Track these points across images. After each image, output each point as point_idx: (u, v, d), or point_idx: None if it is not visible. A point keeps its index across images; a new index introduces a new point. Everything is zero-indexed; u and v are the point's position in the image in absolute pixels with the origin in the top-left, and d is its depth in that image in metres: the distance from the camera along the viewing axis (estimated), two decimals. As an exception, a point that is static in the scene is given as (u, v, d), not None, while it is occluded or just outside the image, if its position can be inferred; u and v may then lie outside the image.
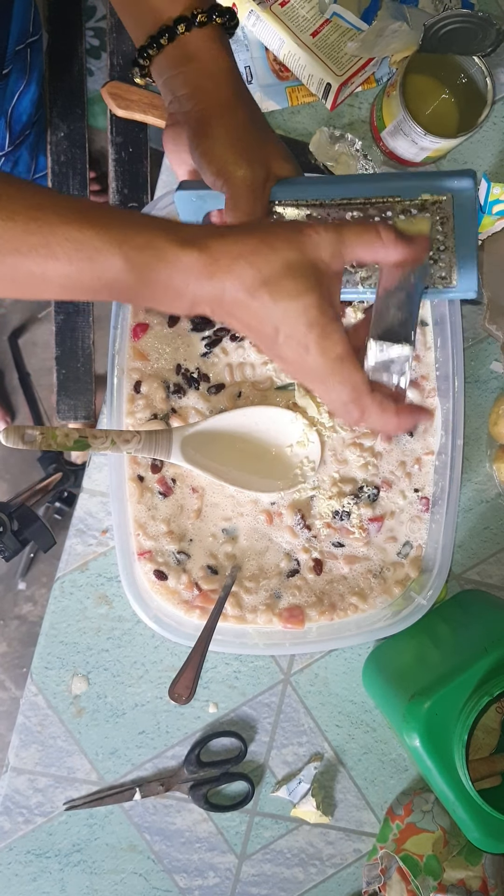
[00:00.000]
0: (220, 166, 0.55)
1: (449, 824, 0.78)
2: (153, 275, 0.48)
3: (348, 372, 0.51)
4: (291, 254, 0.49)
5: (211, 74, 0.56)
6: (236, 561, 0.76)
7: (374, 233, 0.50)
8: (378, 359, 0.51)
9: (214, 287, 0.49)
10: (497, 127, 0.82)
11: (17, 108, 0.94)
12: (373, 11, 0.73)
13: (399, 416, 0.52)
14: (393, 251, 0.51)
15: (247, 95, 0.58)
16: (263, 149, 0.56)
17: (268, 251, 0.48)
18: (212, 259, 0.48)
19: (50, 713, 0.79)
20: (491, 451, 0.81)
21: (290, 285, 0.48)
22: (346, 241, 0.50)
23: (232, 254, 0.48)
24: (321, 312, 0.49)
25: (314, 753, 0.82)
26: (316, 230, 0.49)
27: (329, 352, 0.50)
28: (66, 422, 1.19)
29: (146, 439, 0.67)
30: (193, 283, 0.49)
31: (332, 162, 0.78)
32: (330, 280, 0.50)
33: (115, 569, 0.78)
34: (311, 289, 0.49)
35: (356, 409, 0.52)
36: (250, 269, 0.48)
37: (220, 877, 0.82)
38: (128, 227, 0.48)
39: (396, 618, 0.75)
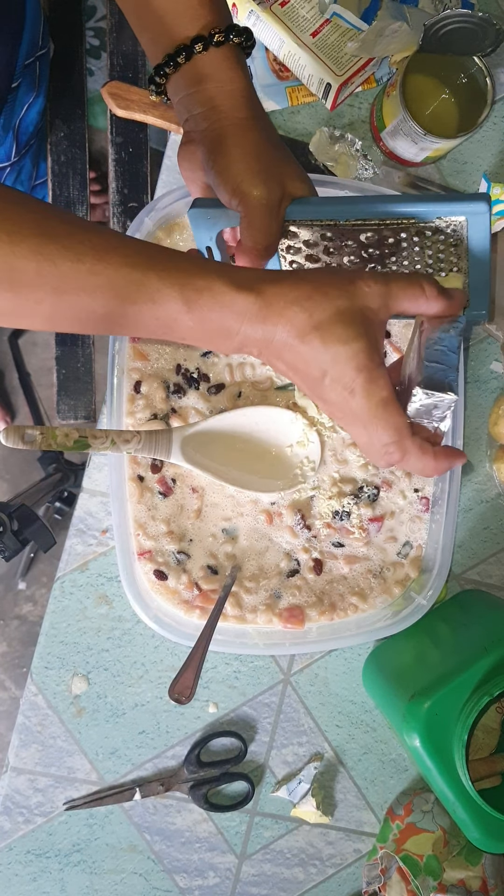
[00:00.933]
0: (236, 185, 0.56)
1: (449, 824, 0.78)
2: (208, 315, 0.50)
3: (391, 415, 0.52)
4: (343, 301, 0.51)
5: (227, 94, 0.57)
6: (236, 561, 0.76)
7: (419, 287, 0.53)
8: (423, 404, 0.53)
9: (266, 330, 0.51)
10: (497, 127, 0.82)
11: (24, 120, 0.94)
12: (373, 11, 0.73)
13: (437, 459, 0.54)
14: (435, 304, 0.53)
15: (263, 115, 0.58)
16: (279, 168, 0.57)
17: (321, 298, 0.50)
18: (266, 303, 0.50)
19: (50, 713, 0.79)
20: (491, 451, 0.81)
21: (341, 331, 0.50)
22: (393, 293, 0.52)
23: (286, 299, 0.50)
24: (369, 358, 0.51)
25: (314, 753, 0.82)
26: (367, 282, 0.51)
27: (374, 396, 0.52)
28: (66, 421, 1.19)
29: (146, 439, 0.67)
30: (247, 325, 0.51)
31: (331, 162, 0.78)
32: (376, 328, 0.52)
33: (115, 569, 0.78)
34: (360, 335, 0.51)
35: (398, 451, 0.53)
36: (303, 314, 0.50)
37: (221, 877, 0.82)
38: (188, 270, 0.50)
39: (396, 618, 0.75)
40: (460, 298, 0.55)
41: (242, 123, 0.57)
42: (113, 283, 0.48)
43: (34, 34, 0.88)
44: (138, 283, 0.49)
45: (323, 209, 0.60)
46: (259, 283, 0.50)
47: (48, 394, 1.57)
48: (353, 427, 0.54)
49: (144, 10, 0.57)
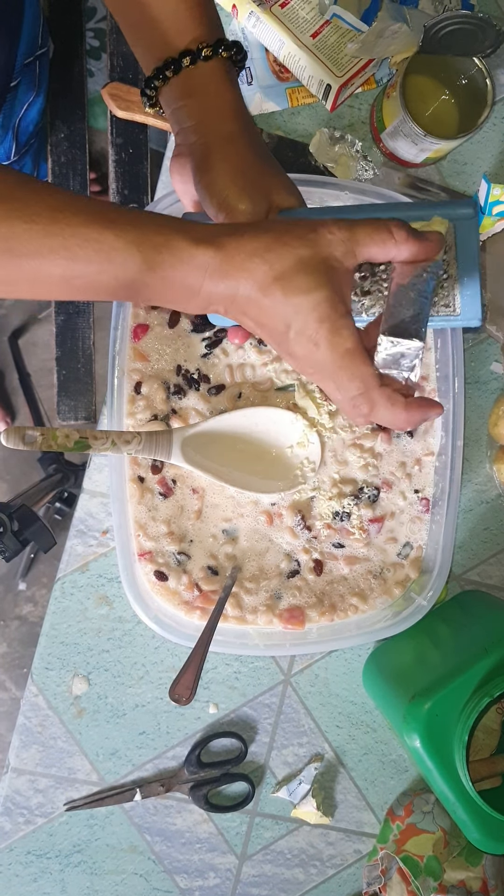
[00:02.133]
0: (222, 200, 0.56)
1: (449, 825, 0.78)
2: (170, 273, 0.49)
3: (358, 366, 0.51)
4: (304, 251, 0.49)
5: (215, 108, 0.57)
6: (237, 562, 0.76)
7: (387, 231, 0.51)
8: (388, 353, 0.51)
9: (228, 285, 0.49)
10: (497, 128, 0.82)
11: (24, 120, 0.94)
12: (373, 12, 0.73)
13: (408, 410, 0.53)
14: (405, 248, 0.51)
15: (251, 129, 0.58)
16: (265, 181, 0.57)
17: (281, 248, 0.49)
18: (227, 257, 0.49)
19: (50, 714, 0.79)
20: (491, 452, 0.81)
21: (302, 281, 0.49)
22: (358, 238, 0.50)
23: (246, 251, 0.49)
24: (332, 308, 0.50)
25: (314, 754, 0.82)
26: (329, 229, 0.50)
27: (339, 346, 0.50)
28: (67, 422, 1.19)
29: (146, 440, 0.68)
30: (208, 281, 0.49)
31: (332, 163, 0.78)
32: (342, 277, 0.51)
33: (115, 569, 0.78)
34: (322, 284, 0.49)
35: (365, 403, 0.52)
36: (263, 265, 0.49)
37: (221, 877, 0.82)
38: (145, 227, 0.49)
39: (397, 618, 0.75)
40: (437, 241, 0.53)
41: (229, 137, 0.56)
42: (67, 244, 0.47)
43: (33, 33, 0.88)
44: (95, 242, 0.47)
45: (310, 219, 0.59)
46: (219, 236, 0.49)
47: (48, 394, 1.57)
48: (321, 381, 0.52)
49: (137, 22, 0.57)
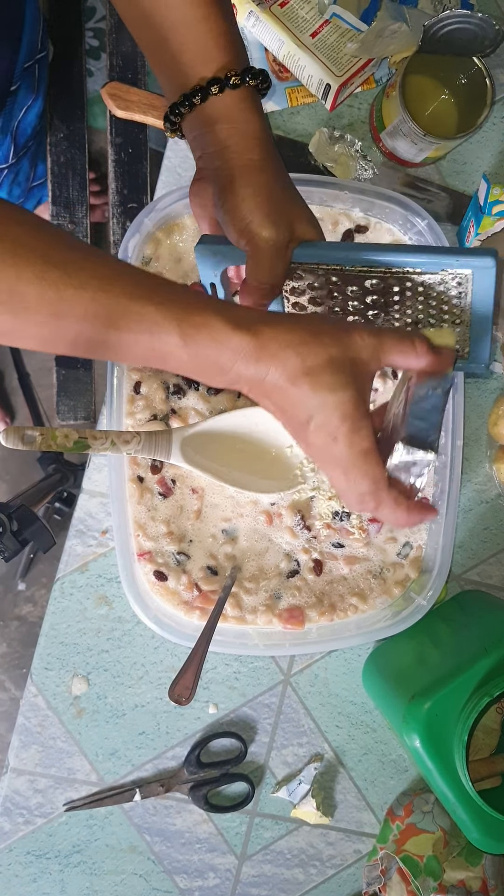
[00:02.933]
0: (245, 226, 0.57)
1: (449, 825, 0.78)
2: (203, 352, 0.51)
3: (371, 466, 0.53)
4: (336, 350, 0.52)
5: (241, 134, 0.57)
6: (236, 562, 0.76)
7: (410, 343, 0.54)
8: (402, 460, 0.54)
9: (259, 370, 0.51)
10: (497, 127, 0.82)
11: (22, 122, 0.94)
12: (372, 12, 0.73)
13: (409, 512, 0.55)
14: (424, 361, 0.54)
15: (275, 157, 0.59)
16: (289, 211, 0.58)
17: (315, 344, 0.51)
18: (261, 344, 0.51)
19: (50, 714, 0.79)
20: (491, 452, 0.81)
21: (331, 378, 0.51)
22: (385, 347, 0.53)
23: (281, 342, 0.51)
24: (355, 407, 0.52)
25: (314, 754, 0.82)
26: (361, 335, 0.53)
27: (356, 445, 0.53)
28: (66, 422, 1.19)
29: (146, 440, 0.67)
30: (241, 363, 0.51)
31: (331, 163, 0.78)
32: (365, 379, 0.53)
33: (114, 570, 0.78)
34: (349, 385, 0.52)
35: (373, 501, 0.55)
36: (296, 358, 0.51)
37: (221, 878, 0.82)
38: (187, 305, 0.51)
39: (396, 618, 0.75)
40: (449, 357, 0.56)
41: (254, 164, 0.57)
42: (112, 313, 0.49)
43: (33, 38, 0.88)
44: (138, 315, 0.49)
45: (330, 254, 0.60)
46: (256, 323, 0.51)
47: (48, 394, 1.57)
48: (333, 471, 0.55)
49: (162, 48, 0.57)
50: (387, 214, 0.76)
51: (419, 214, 0.75)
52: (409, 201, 0.75)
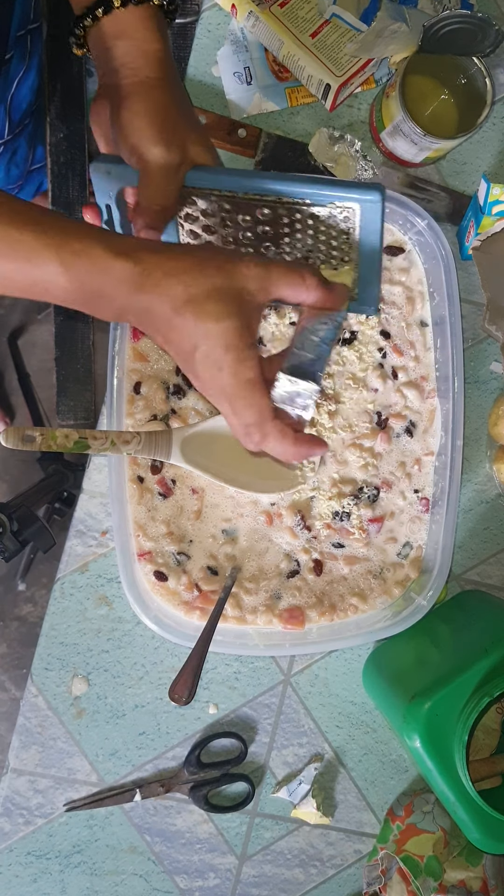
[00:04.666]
0: (136, 142, 0.57)
1: (449, 825, 0.78)
2: (86, 280, 0.50)
3: (256, 396, 0.53)
4: (220, 279, 0.51)
5: (141, 52, 0.57)
6: (236, 562, 0.76)
7: (300, 276, 0.54)
8: (285, 390, 0.55)
9: (143, 300, 0.51)
10: (496, 127, 0.82)
11: (16, 96, 0.93)
12: (372, 12, 0.73)
13: (297, 444, 0.56)
14: (314, 295, 0.54)
15: (174, 79, 0.59)
16: (182, 132, 0.58)
17: (199, 273, 0.51)
18: (144, 272, 0.50)
19: (50, 714, 0.79)
20: (491, 452, 0.81)
21: (214, 308, 0.51)
22: (272, 278, 0.53)
23: (164, 269, 0.51)
24: (239, 337, 0.52)
25: (314, 754, 0.82)
26: (247, 265, 0.52)
27: (241, 375, 0.53)
28: (66, 423, 1.19)
29: (146, 440, 0.67)
30: (125, 293, 0.51)
31: (331, 163, 0.78)
32: (252, 310, 0.53)
33: (115, 570, 0.78)
34: (232, 314, 0.51)
35: (257, 432, 0.55)
36: (179, 286, 0.51)
37: (221, 878, 0.82)
38: (66, 232, 0.50)
39: (396, 618, 0.75)
40: (342, 293, 0.56)
41: (150, 83, 0.57)
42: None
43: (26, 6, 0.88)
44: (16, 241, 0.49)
45: (222, 179, 0.59)
46: (139, 251, 0.51)
47: (48, 395, 1.57)
48: (220, 404, 0.55)
49: None
50: (387, 214, 0.76)
51: (419, 214, 0.75)
52: (408, 201, 0.75)
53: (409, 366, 0.78)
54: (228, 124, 0.77)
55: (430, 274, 0.77)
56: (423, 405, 0.78)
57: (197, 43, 0.79)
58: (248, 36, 0.79)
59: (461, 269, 0.80)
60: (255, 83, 0.79)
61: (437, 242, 0.75)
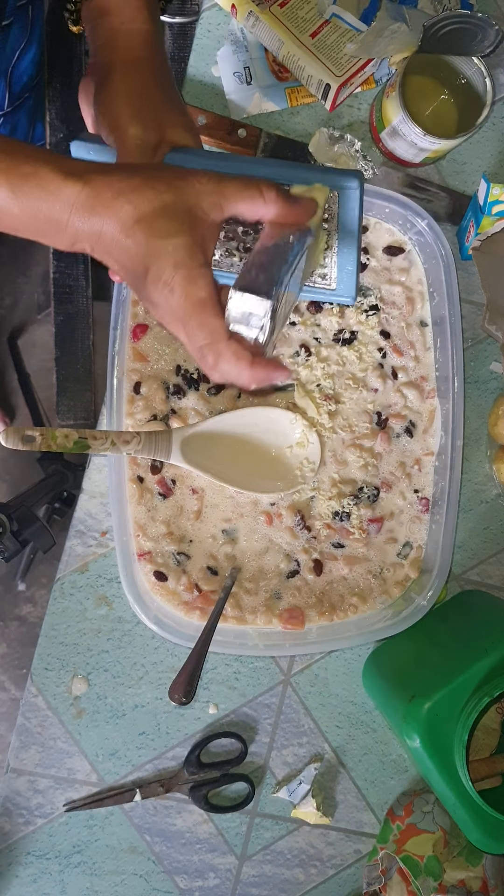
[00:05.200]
0: (114, 121, 0.56)
1: (449, 825, 0.78)
2: (35, 204, 0.49)
3: (208, 317, 0.51)
4: (170, 196, 0.49)
5: (127, 31, 0.57)
6: (236, 562, 0.76)
7: (256, 189, 0.51)
8: (238, 309, 0.52)
9: (94, 222, 0.49)
10: (496, 127, 0.82)
11: (17, 68, 0.92)
12: (372, 12, 0.73)
13: (253, 367, 0.53)
14: (274, 209, 0.52)
15: (159, 59, 0.58)
16: (162, 113, 0.57)
17: (148, 190, 0.49)
18: (94, 192, 0.49)
19: (50, 714, 0.79)
20: (491, 452, 0.81)
21: (163, 225, 0.49)
22: (226, 193, 0.51)
23: (114, 189, 0.49)
24: (190, 255, 0.50)
25: (314, 754, 0.82)
26: (199, 179, 0.50)
27: (192, 295, 0.51)
28: (66, 423, 1.19)
29: (146, 440, 0.67)
30: (75, 216, 0.49)
31: (331, 163, 0.78)
32: (206, 228, 0.51)
33: (114, 570, 0.78)
34: (183, 231, 0.50)
35: (211, 353, 0.52)
36: (128, 205, 0.49)
37: (221, 878, 0.82)
38: (14, 155, 0.48)
39: (396, 618, 0.75)
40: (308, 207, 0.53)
41: (134, 63, 0.57)
42: None
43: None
44: None
45: (200, 162, 0.58)
46: (88, 172, 0.49)
47: (48, 395, 1.56)
48: (174, 328, 0.53)
49: None
50: (387, 214, 0.76)
51: (419, 214, 0.75)
52: (408, 201, 0.75)
53: (409, 366, 0.78)
54: (228, 124, 0.77)
55: (430, 274, 0.77)
56: (423, 405, 0.78)
57: (197, 43, 0.79)
58: (247, 36, 0.79)
59: (461, 269, 0.80)
60: (255, 83, 0.79)
61: (437, 242, 0.75)
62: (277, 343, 0.76)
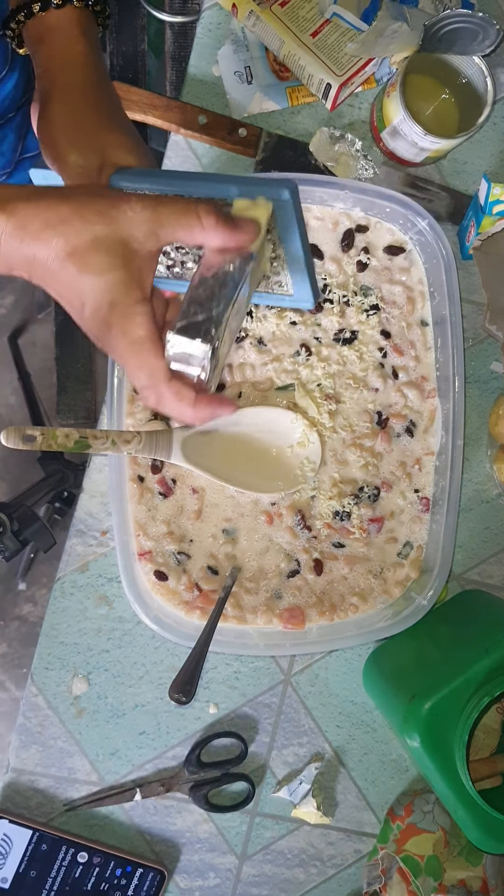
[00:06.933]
0: (54, 149, 0.55)
1: (449, 825, 0.78)
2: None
3: (147, 356, 0.50)
4: (101, 228, 0.47)
5: (62, 57, 0.56)
6: (236, 561, 0.76)
7: (195, 215, 0.49)
8: (177, 350, 0.51)
9: (24, 253, 0.48)
10: (497, 127, 0.82)
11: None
12: (373, 12, 0.73)
13: (196, 407, 0.52)
14: (213, 236, 0.50)
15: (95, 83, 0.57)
16: (100, 137, 0.56)
17: (78, 222, 0.47)
18: (20, 223, 0.47)
19: (50, 714, 0.79)
20: (491, 452, 0.81)
21: (97, 260, 0.47)
22: (162, 220, 0.49)
23: (41, 220, 0.47)
24: (125, 293, 0.48)
25: (315, 754, 0.82)
26: (132, 206, 0.48)
27: (129, 334, 0.49)
28: (66, 422, 1.19)
29: (146, 440, 0.67)
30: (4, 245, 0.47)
31: (332, 162, 0.78)
32: (142, 260, 0.49)
33: (115, 569, 0.78)
34: (117, 267, 0.48)
35: (152, 394, 0.51)
36: (58, 237, 0.47)
37: (221, 877, 0.82)
38: None
39: (397, 618, 0.75)
40: (250, 231, 0.51)
41: (68, 89, 0.56)
42: None
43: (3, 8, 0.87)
44: None
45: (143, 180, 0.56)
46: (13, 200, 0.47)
47: (48, 394, 1.56)
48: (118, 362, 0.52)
49: None
50: (387, 214, 0.76)
51: (420, 214, 0.75)
52: (409, 201, 0.75)
53: (409, 365, 0.78)
54: (229, 124, 0.77)
55: (431, 274, 0.77)
56: (424, 405, 0.78)
57: (197, 42, 0.79)
58: (248, 35, 0.79)
59: (462, 268, 0.80)
60: (256, 82, 0.79)
61: (437, 242, 0.75)
62: (277, 344, 0.76)
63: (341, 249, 0.77)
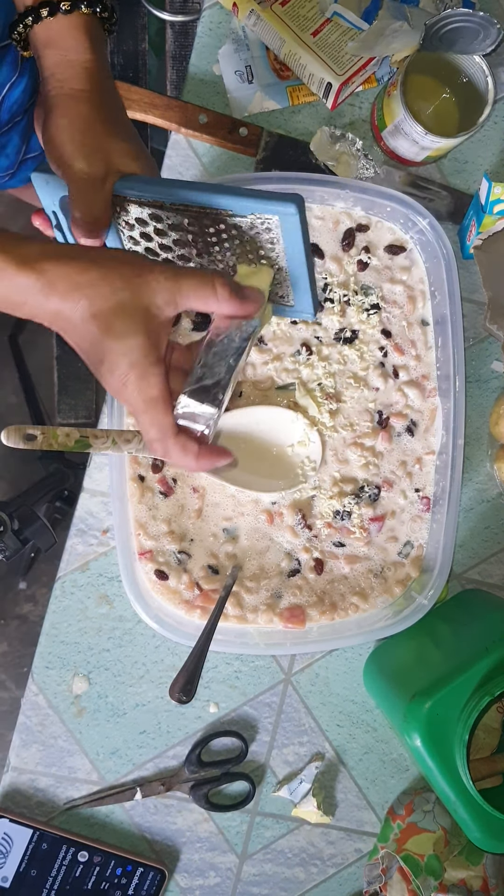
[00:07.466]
0: (59, 157, 0.57)
1: (450, 824, 0.78)
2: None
3: (158, 414, 0.54)
4: (126, 294, 0.51)
5: (68, 63, 0.57)
6: (237, 561, 0.76)
7: (211, 287, 0.53)
8: (185, 411, 0.56)
9: (50, 308, 0.51)
10: (498, 126, 0.82)
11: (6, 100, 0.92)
12: (373, 11, 0.73)
13: (199, 459, 0.56)
14: (225, 306, 0.54)
15: (102, 89, 0.58)
16: (106, 144, 0.57)
17: (104, 287, 0.50)
18: (48, 283, 0.50)
19: (51, 713, 0.79)
20: (492, 451, 0.81)
21: (119, 325, 0.51)
22: (182, 290, 0.52)
23: (69, 282, 0.50)
24: (144, 355, 0.52)
25: (315, 753, 0.82)
26: (156, 277, 0.52)
27: (144, 393, 0.53)
28: (67, 421, 1.19)
29: (147, 439, 0.67)
30: (31, 300, 0.50)
31: (332, 161, 0.78)
32: (159, 325, 0.53)
33: (115, 569, 0.78)
34: (138, 332, 0.51)
35: (160, 447, 0.56)
36: (84, 300, 0.50)
37: (221, 876, 0.82)
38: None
39: (397, 617, 0.75)
40: (255, 300, 0.56)
41: (75, 95, 0.57)
42: None
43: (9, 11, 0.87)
44: None
45: (147, 188, 0.59)
46: (43, 260, 0.50)
47: (48, 394, 1.56)
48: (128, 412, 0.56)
49: None
50: (388, 213, 0.76)
51: (420, 213, 0.75)
52: (410, 200, 0.75)
53: (410, 365, 0.78)
54: (229, 123, 0.77)
55: (432, 273, 0.77)
56: (424, 404, 0.78)
57: (198, 41, 0.79)
58: (249, 34, 0.79)
59: (462, 267, 0.80)
60: (257, 82, 0.79)
61: (438, 241, 0.75)
62: (278, 343, 0.76)
63: (342, 249, 0.77)
